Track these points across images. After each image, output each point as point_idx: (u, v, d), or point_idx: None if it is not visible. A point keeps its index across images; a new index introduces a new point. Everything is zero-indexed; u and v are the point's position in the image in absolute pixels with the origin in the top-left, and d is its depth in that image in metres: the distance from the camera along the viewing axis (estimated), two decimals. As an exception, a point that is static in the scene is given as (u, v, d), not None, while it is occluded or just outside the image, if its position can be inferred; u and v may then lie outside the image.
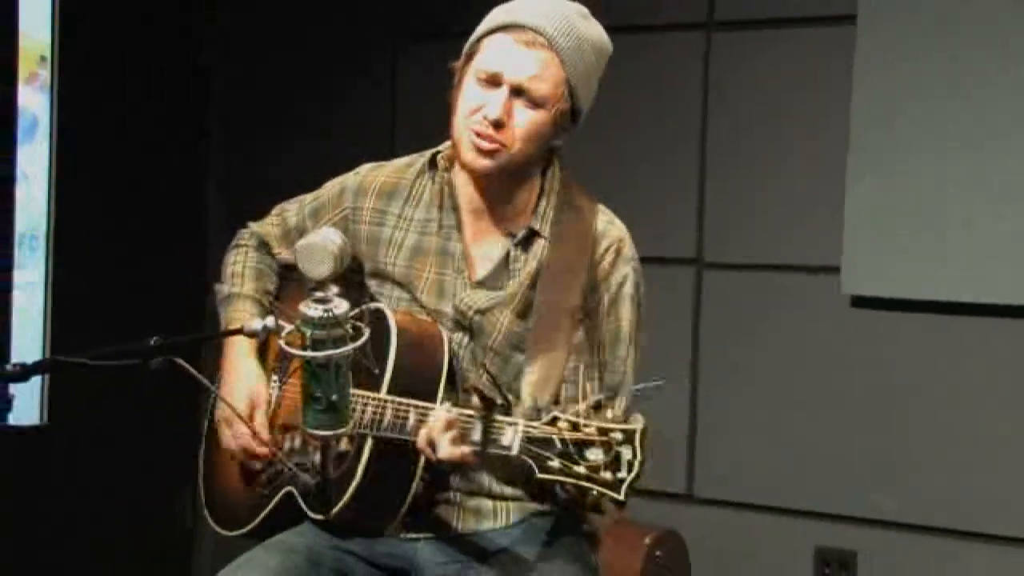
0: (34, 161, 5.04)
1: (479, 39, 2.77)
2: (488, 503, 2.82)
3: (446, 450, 2.53)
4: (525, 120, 2.72)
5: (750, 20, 4.56)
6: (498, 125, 2.70)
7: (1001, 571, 3.57)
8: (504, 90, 2.71)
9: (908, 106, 4.24)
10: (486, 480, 2.80)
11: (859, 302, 4.37)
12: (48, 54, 5.05)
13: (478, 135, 2.72)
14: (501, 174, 2.77)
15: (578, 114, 2.79)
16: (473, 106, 2.73)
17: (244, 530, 2.94)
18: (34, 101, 5.04)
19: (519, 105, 2.72)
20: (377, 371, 2.70)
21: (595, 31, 2.80)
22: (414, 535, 2.81)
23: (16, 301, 4.95)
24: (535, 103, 2.72)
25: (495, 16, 2.78)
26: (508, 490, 2.81)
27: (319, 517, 2.79)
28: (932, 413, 4.27)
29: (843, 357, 4.41)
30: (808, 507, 4.45)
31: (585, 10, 2.80)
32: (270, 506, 2.88)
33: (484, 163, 2.74)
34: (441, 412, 2.57)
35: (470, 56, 2.77)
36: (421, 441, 2.59)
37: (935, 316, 4.25)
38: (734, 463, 4.57)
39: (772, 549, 4.51)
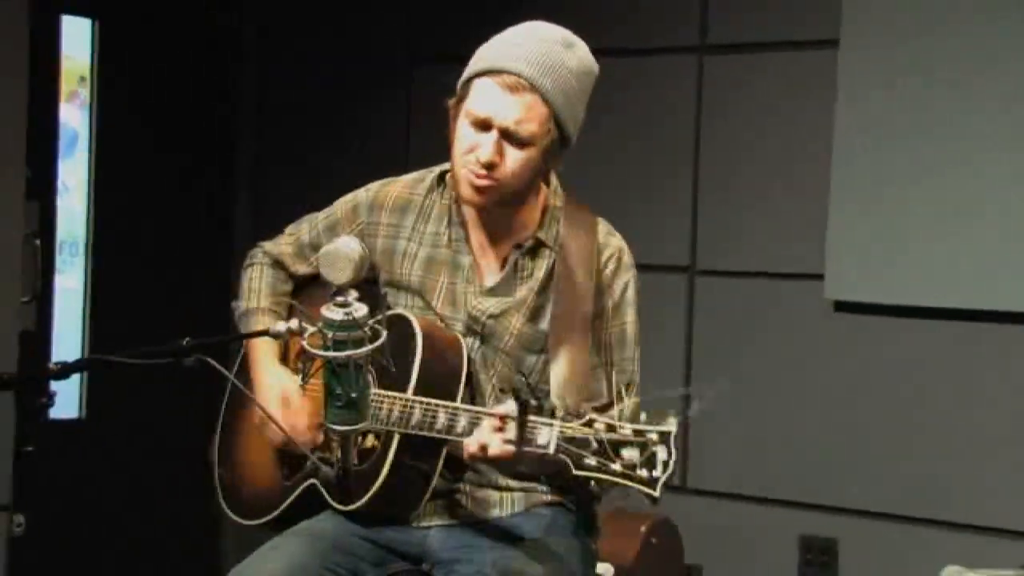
0: (74, 173, 5.07)
1: (469, 80, 2.75)
2: (495, 494, 2.82)
3: (495, 447, 2.53)
4: (516, 159, 2.71)
5: (740, 44, 4.57)
6: (490, 167, 2.70)
7: (971, 557, 3.57)
8: (494, 133, 2.69)
9: (887, 124, 4.24)
10: (492, 473, 2.80)
11: (841, 307, 4.37)
12: (88, 74, 5.08)
13: (475, 175, 2.72)
14: (497, 204, 2.77)
15: (567, 140, 2.77)
16: (467, 147, 2.72)
17: (265, 519, 2.93)
18: (74, 118, 5.07)
19: (509, 146, 2.70)
20: (400, 372, 2.70)
21: (577, 58, 2.75)
22: (426, 523, 2.82)
23: (57, 305, 4.97)
24: (524, 143, 2.70)
25: (482, 56, 2.75)
26: (513, 482, 2.81)
27: (341, 507, 2.79)
28: (910, 410, 4.27)
29: (826, 358, 4.41)
30: (793, 497, 4.45)
31: (569, 37, 2.76)
32: (292, 497, 2.88)
33: (479, 200, 2.74)
34: (487, 420, 2.57)
35: (462, 97, 2.75)
36: (473, 443, 2.59)
37: (911, 320, 4.25)
38: (724, 456, 4.57)
39: (759, 536, 4.51)
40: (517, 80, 2.69)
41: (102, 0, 5.11)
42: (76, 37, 5.08)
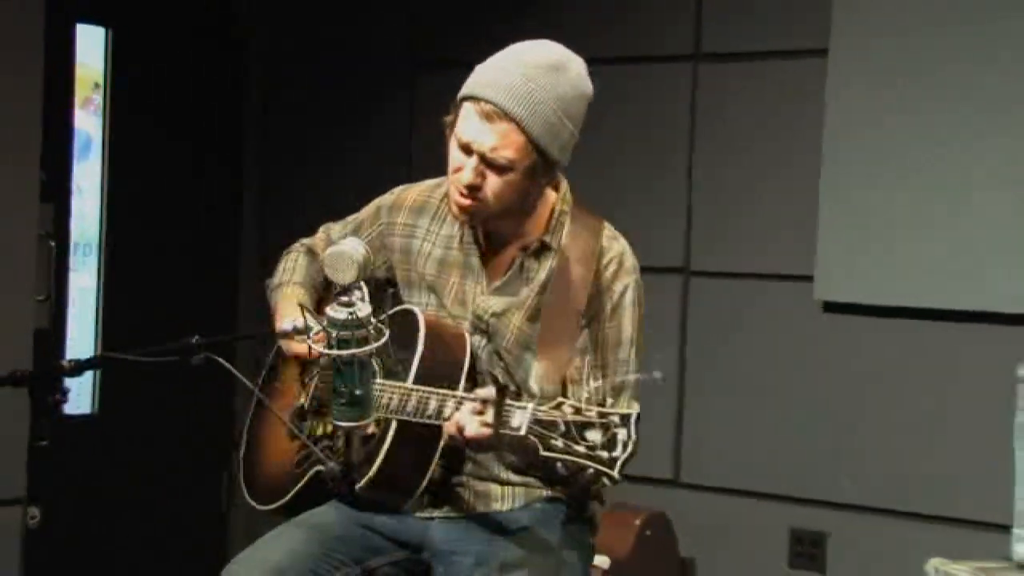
0: (88, 177, 5.07)
1: (460, 101, 2.74)
2: (496, 488, 2.82)
3: (472, 429, 2.54)
4: (496, 183, 2.71)
5: (733, 53, 4.56)
6: (472, 189, 2.71)
7: (955, 549, 3.57)
8: (475, 158, 2.70)
9: (874, 131, 4.25)
10: (495, 467, 2.80)
11: (830, 307, 4.37)
12: (101, 81, 5.08)
13: (460, 195, 2.73)
14: (488, 220, 2.79)
15: (551, 162, 2.74)
16: (454, 167, 2.73)
17: (276, 504, 2.93)
18: (88, 123, 5.07)
19: (489, 171, 2.70)
20: (403, 364, 2.71)
21: (566, 81, 2.71)
22: (428, 514, 2.82)
23: (71, 304, 4.96)
24: (502, 168, 2.69)
25: (471, 79, 2.74)
26: (515, 477, 2.81)
27: (343, 494, 2.79)
28: (896, 407, 4.26)
29: (815, 357, 4.41)
30: (783, 492, 4.44)
31: (560, 60, 2.72)
32: (301, 484, 2.88)
33: (464, 218, 2.78)
34: (465, 398, 2.58)
35: (455, 115, 2.75)
36: (451, 426, 2.60)
37: (898, 320, 4.25)
38: (717, 452, 4.57)
39: (751, 529, 4.50)
40: (493, 109, 2.67)
41: (116, 9, 5.12)
42: (90, 45, 5.08)
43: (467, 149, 2.70)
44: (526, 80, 2.68)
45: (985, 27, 4.06)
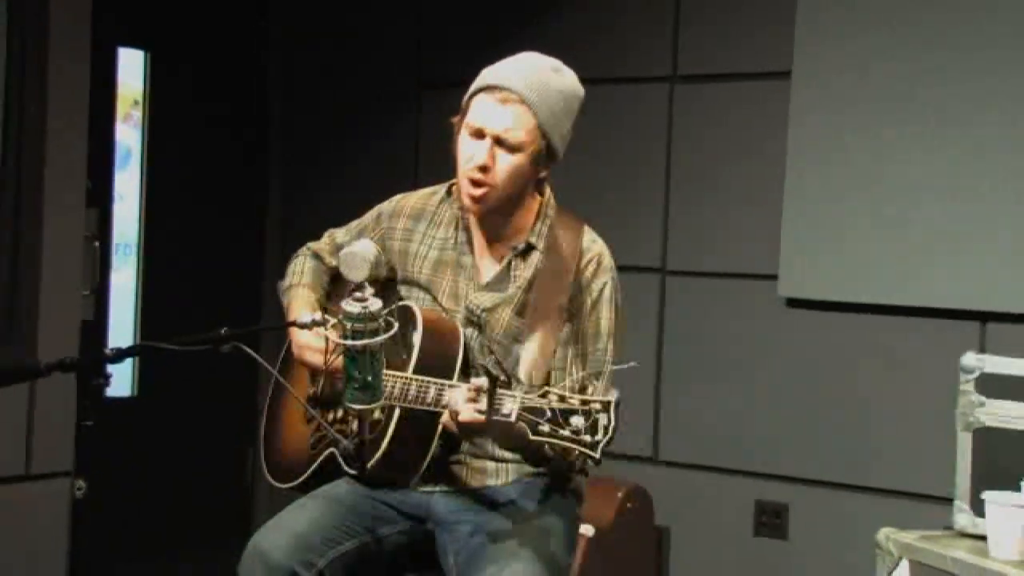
0: (128, 184, 5.06)
1: (470, 97, 2.77)
2: (491, 464, 2.82)
3: (466, 415, 2.53)
4: (507, 163, 2.72)
5: (706, 75, 4.56)
6: (484, 169, 2.71)
7: (904, 520, 3.57)
8: (488, 141, 2.71)
9: (833, 144, 4.25)
10: (489, 446, 2.81)
11: (792, 303, 4.37)
12: (140, 99, 5.07)
13: (471, 181, 2.73)
14: (494, 210, 2.78)
15: (554, 151, 2.78)
16: (466, 155, 2.74)
17: (294, 483, 2.93)
18: (129, 136, 5.07)
19: (501, 152, 2.72)
20: (405, 355, 2.71)
21: (564, 81, 2.78)
22: (430, 488, 2.82)
23: (113, 298, 4.97)
24: (513, 148, 2.72)
25: (480, 77, 2.78)
26: (508, 454, 2.80)
27: (355, 473, 2.79)
28: (852, 392, 4.26)
29: (779, 348, 4.41)
30: (749, 468, 4.44)
31: (558, 65, 2.79)
32: (316, 463, 2.89)
33: (476, 207, 2.77)
34: (461, 389, 2.58)
35: (464, 113, 2.77)
36: (446, 415, 2.60)
37: (853, 315, 4.25)
38: (691, 433, 4.56)
39: (720, 501, 4.50)
40: (508, 94, 2.71)
41: (153, 34, 5.11)
42: (131, 66, 5.08)
43: (480, 134, 2.72)
44: (535, 74, 2.74)
45: (932, 54, 4.07)
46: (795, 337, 4.37)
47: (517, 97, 2.70)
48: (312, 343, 2.81)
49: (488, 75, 2.76)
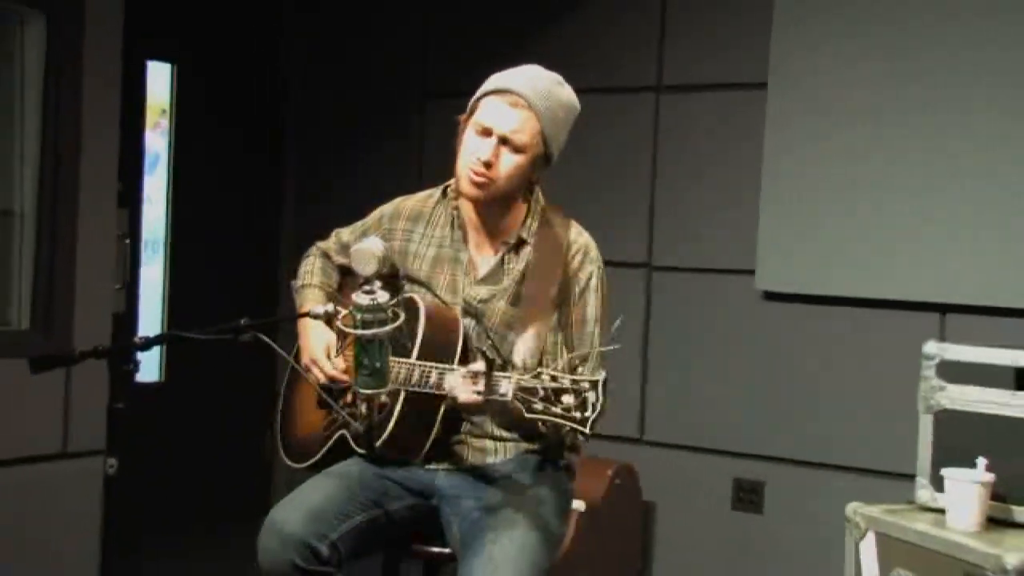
0: (156, 188, 5.07)
1: (478, 99, 2.78)
2: (490, 443, 2.82)
3: (464, 396, 2.54)
4: (509, 162, 2.73)
5: (689, 85, 4.57)
6: (488, 165, 2.72)
7: (870, 495, 3.58)
8: (494, 139, 2.72)
9: (806, 149, 4.25)
10: (488, 426, 2.81)
11: (769, 296, 4.38)
12: (168, 108, 5.08)
13: (474, 172, 2.73)
14: (490, 201, 2.78)
15: (550, 157, 2.80)
16: (472, 151, 2.74)
17: (308, 463, 2.94)
18: (157, 143, 5.08)
19: (504, 151, 2.73)
20: (410, 343, 2.72)
21: (566, 94, 2.80)
22: (434, 466, 2.82)
23: (142, 291, 4.97)
24: (517, 149, 2.73)
25: (491, 81, 2.79)
26: (505, 434, 2.81)
27: (364, 452, 2.81)
28: (823, 378, 4.27)
29: (757, 337, 4.41)
30: (728, 448, 4.45)
31: (560, 78, 2.81)
32: (328, 444, 2.89)
33: (476, 193, 2.76)
34: (460, 371, 2.59)
35: (471, 112, 2.78)
36: (449, 394, 2.60)
37: (825, 307, 4.26)
38: (675, 415, 4.57)
39: (701, 479, 4.51)
40: (517, 99, 2.72)
41: (180, 49, 5.12)
42: (159, 79, 5.09)
43: (487, 132, 2.72)
44: (544, 83, 2.76)
45: (896, 64, 4.08)
46: (771, 327, 4.38)
47: (526, 103, 2.72)
48: (320, 358, 2.85)
49: (499, 80, 2.78)
